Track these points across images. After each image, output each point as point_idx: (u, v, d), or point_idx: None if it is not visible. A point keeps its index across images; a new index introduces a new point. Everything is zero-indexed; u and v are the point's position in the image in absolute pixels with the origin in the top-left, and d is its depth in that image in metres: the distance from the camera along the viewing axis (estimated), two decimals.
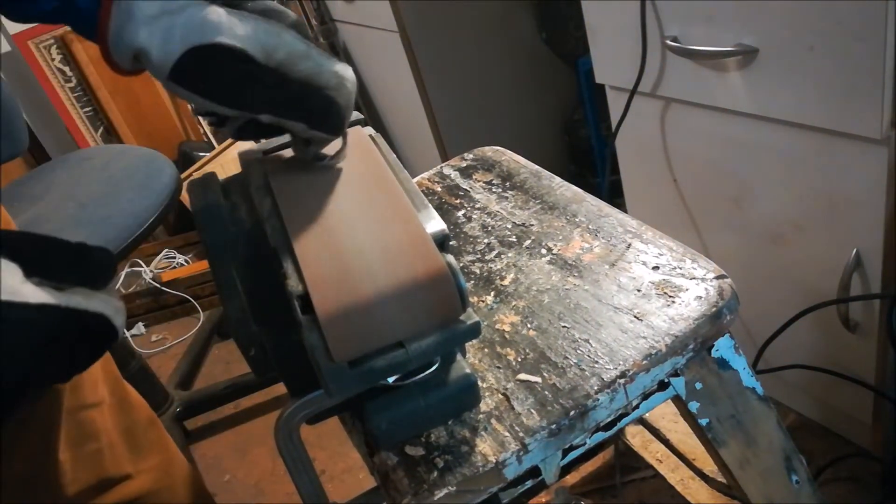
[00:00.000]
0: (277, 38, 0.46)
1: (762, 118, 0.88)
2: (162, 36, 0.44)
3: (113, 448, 0.73)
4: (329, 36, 1.94)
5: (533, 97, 1.78)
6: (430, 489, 0.46)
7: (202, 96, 0.46)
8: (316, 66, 0.47)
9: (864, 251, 0.86)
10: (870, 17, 0.69)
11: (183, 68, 0.44)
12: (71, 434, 0.68)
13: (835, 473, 1.08)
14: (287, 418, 0.48)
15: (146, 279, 2.18)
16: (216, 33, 0.44)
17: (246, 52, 0.45)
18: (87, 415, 0.71)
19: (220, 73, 0.45)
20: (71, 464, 0.68)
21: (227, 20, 0.45)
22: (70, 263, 0.41)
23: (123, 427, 0.76)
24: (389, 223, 0.47)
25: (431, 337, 0.43)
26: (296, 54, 0.46)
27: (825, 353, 1.01)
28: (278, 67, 0.46)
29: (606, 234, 0.64)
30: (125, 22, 0.44)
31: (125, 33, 0.44)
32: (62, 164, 1.38)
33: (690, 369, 0.54)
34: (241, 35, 0.45)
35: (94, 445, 0.71)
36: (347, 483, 1.40)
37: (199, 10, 0.44)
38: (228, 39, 0.44)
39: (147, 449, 0.79)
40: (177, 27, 0.44)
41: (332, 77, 0.48)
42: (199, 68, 0.45)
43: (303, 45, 0.46)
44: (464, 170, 0.82)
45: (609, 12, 1.02)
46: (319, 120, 0.49)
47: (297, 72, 0.46)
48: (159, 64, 0.45)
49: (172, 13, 0.44)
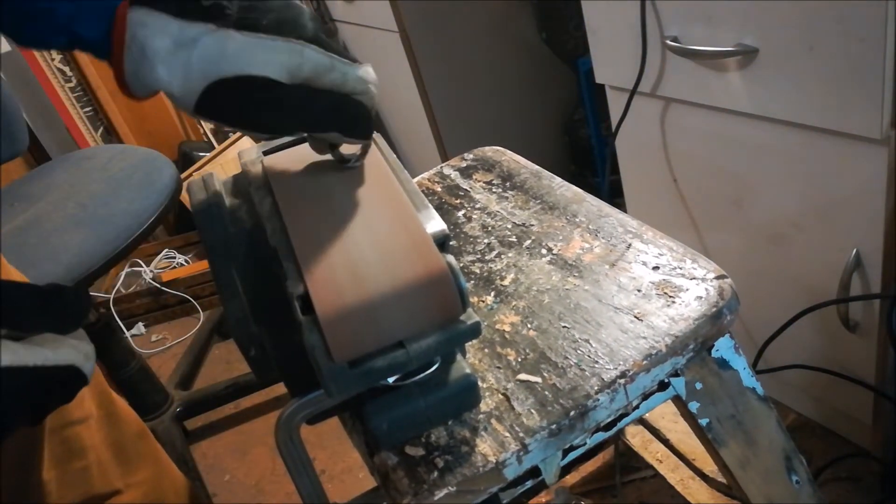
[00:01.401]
0: (300, 56, 0.44)
1: (762, 118, 0.88)
2: (181, 73, 0.42)
3: (101, 464, 0.72)
4: (329, 36, 1.93)
5: (533, 97, 1.78)
6: (431, 489, 0.46)
7: (232, 126, 0.45)
8: (341, 77, 0.46)
9: (864, 251, 0.86)
10: (870, 17, 0.69)
11: (208, 102, 0.43)
12: (55, 452, 0.66)
13: (835, 473, 1.08)
14: (287, 418, 0.48)
15: (146, 279, 2.18)
16: (236, 64, 0.43)
17: (269, 78, 0.43)
18: (73, 431, 0.68)
19: (246, 103, 0.44)
20: (56, 483, 0.66)
21: (244, 47, 0.43)
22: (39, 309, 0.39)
23: (112, 441, 0.74)
24: (390, 223, 0.47)
25: (432, 337, 0.43)
26: (321, 68, 0.45)
27: (825, 353, 1.01)
28: (305, 84, 0.45)
29: (607, 234, 0.64)
30: (140, 61, 0.43)
31: (142, 73, 0.43)
32: (62, 164, 1.38)
33: (691, 369, 0.54)
34: (261, 61, 0.43)
35: (80, 463, 0.69)
36: (347, 483, 1.40)
37: (215, 40, 0.43)
38: (249, 69, 0.43)
39: (137, 462, 0.77)
40: (194, 62, 0.42)
41: (357, 83, 0.47)
42: (224, 100, 0.44)
43: (325, 57, 0.45)
44: (464, 170, 0.82)
45: (609, 12, 1.02)
46: (351, 126, 0.48)
47: (324, 85, 0.45)
48: (182, 100, 0.44)
49: (187, 46, 0.42)
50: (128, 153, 1.33)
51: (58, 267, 1.04)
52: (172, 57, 0.42)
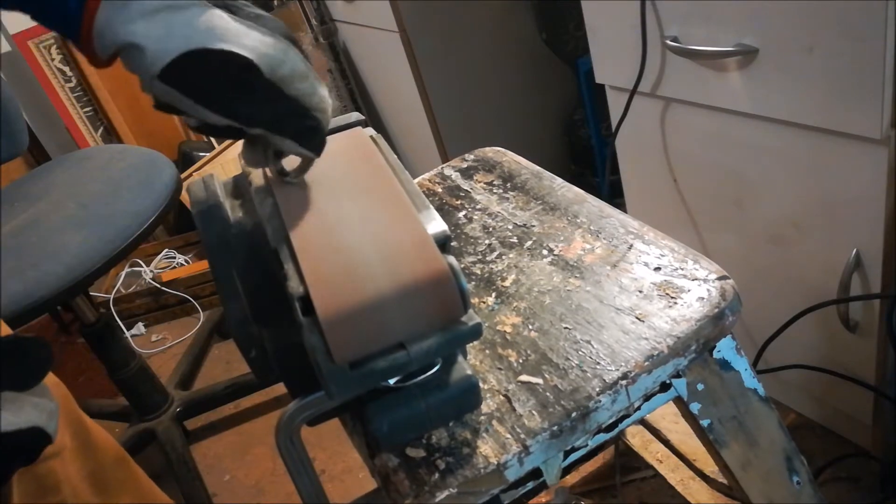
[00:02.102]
0: (284, 54, 0.45)
1: (762, 118, 0.88)
2: (161, 31, 0.42)
3: (77, 496, 0.70)
4: (329, 36, 1.93)
5: (533, 97, 1.78)
6: (432, 491, 0.46)
7: (194, 100, 0.44)
8: (311, 88, 0.47)
9: (864, 251, 0.86)
10: (870, 17, 0.69)
11: (178, 68, 0.43)
12: (28, 491, 0.64)
13: (834, 473, 1.08)
14: (288, 420, 0.48)
15: (146, 279, 2.18)
16: (224, 39, 0.43)
17: (253, 63, 0.43)
18: (46, 467, 0.66)
19: (219, 81, 0.44)
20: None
21: (234, 28, 0.43)
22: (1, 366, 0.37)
23: (88, 471, 0.72)
24: (390, 224, 0.47)
25: (433, 338, 0.43)
26: (297, 73, 0.45)
27: (825, 353, 1.01)
28: (278, 83, 0.45)
29: (608, 234, 0.64)
30: (118, 10, 0.42)
31: (115, 23, 0.42)
32: (62, 164, 1.38)
33: (692, 370, 0.54)
34: (248, 45, 0.43)
35: (55, 498, 0.67)
36: (347, 483, 1.40)
37: (203, 12, 0.43)
38: (237, 48, 0.43)
39: (116, 490, 0.75)
40: (179, 25, 0.42)
41: (321, 100, 0.48)
42: (198, 71, 0.43)
43: (304, 64, 0.46)
44: (465, 171, 0.82)
45: (609, 12, 1.02)
46: (307, 139, 0.48)
47: (294, 90, 0.46)
48: (153, 59, 0.42)
49: (174, 10, 0.42)
50: (128, 153, 1.33)
51: (58, 267, 1.04)
52: (156, 14, 0.42)
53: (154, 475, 1.58)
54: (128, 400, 1.53)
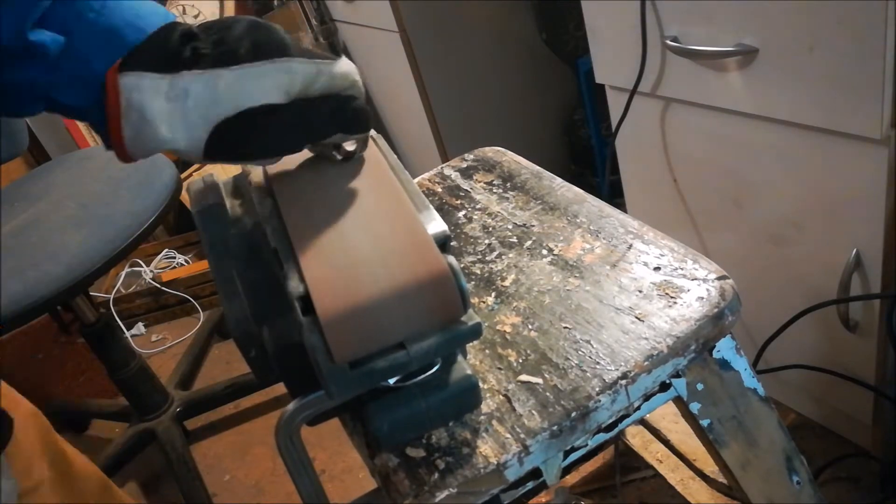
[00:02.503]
0: (289, 73, 0.44)
1: (762, 118, 0.88)
2: (182, 126, 0.43)
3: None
4: (329, 36, 1.93)
5: (533, 97, 1.78)
6: (431, 491, 0.46)
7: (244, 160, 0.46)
8: (328, 79, 0.46)
9: (864, 251, 0.86)
10: (870, 17, 0.69)
11: (215, 145, 0.44)
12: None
13: (834, 473, 1.08)
14: (287, 420, 0.48)
15: (146, 279, 2.18)
16: (232, 101, 0.43)
17: (268, 104, 0.43)
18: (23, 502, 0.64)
19: (252, 134, 0.44)
20: None
21: (235, 82, 0.43)
22: None
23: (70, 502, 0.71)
24: (390, 224, 0.47)
25: (432, 338, 0.43)
26: (309, 78, 0.45)
27: (825, 353, 1.01)
28: (299, 96, 0.45)
29: (608, 234, 0.64)
30: (140, 125, 0.43)
31: (144, 136, 0.43)
32: (62, 164, 1.38)
33: (692, 370, 0.54)
34: (256, 90, 0.43)
35: None
36: (347, 483, 1.40)
37: (205, 85, 0.43)
38: (247, 101, 0.43)
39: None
40: (191, 112, 0.42)
41: (343, 79, 0.47)
42: (230, 139, 0.44)
43: (310, 65, 0.45)
44: (464, 170, 0.82)
45: (609, 12, 1.02)
46: (351, 124, 0.48)
47: (316, 92, 0.46)
48: (190, 152, 0.44)
49: (181, 99, 0.42)
50: None
51: (58, 267, 1.04)
52: (171, 113, 0.42)
53: (154, 475, 1.60)
54: (128, 400, 1.53)
